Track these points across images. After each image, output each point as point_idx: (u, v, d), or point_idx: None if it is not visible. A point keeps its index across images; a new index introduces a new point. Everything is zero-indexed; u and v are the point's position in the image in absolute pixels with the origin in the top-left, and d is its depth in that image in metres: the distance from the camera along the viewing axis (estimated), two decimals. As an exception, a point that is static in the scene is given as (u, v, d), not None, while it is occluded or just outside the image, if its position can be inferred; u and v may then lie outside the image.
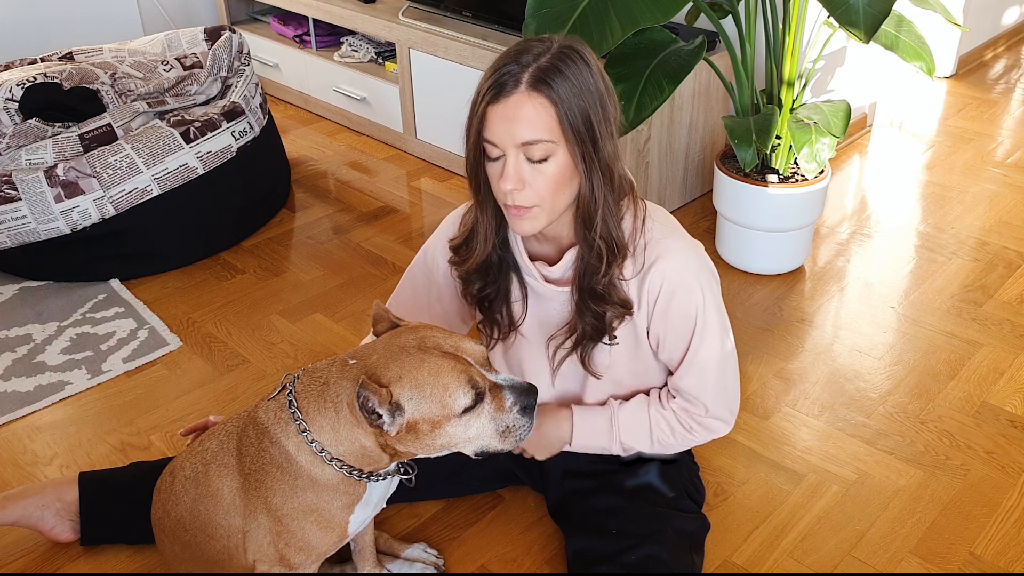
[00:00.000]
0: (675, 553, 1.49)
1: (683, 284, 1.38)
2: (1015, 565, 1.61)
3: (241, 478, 1.31)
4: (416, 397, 1.19)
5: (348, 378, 1.23)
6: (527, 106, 1.23)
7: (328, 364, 1.29)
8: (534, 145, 1.24)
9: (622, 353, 1.47)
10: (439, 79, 3.00)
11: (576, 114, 1.24)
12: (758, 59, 2.65)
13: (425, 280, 1.60)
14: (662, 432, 1.51)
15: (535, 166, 1.26)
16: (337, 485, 1.28)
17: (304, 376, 1.30)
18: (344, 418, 1.23)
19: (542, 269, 1.43)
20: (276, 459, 1.27)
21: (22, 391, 2.09)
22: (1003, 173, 3.02)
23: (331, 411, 1.24)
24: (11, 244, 2.43)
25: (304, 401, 1.27)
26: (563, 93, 1.23)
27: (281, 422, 1.28)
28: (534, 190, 1.27)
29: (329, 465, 1.26)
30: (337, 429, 1.24)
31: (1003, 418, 1.95)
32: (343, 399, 1.23)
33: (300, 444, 1.26)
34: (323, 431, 1.25)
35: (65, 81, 2.60)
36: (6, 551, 1.68)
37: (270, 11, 3.85)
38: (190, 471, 1.38)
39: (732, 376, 1.49)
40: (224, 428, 1.39)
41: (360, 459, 1.26)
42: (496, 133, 1.25)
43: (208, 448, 1.38)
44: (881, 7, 1.88)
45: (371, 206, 2.92)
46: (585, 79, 1.24)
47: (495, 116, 1.24)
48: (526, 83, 1.22)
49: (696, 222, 2.76)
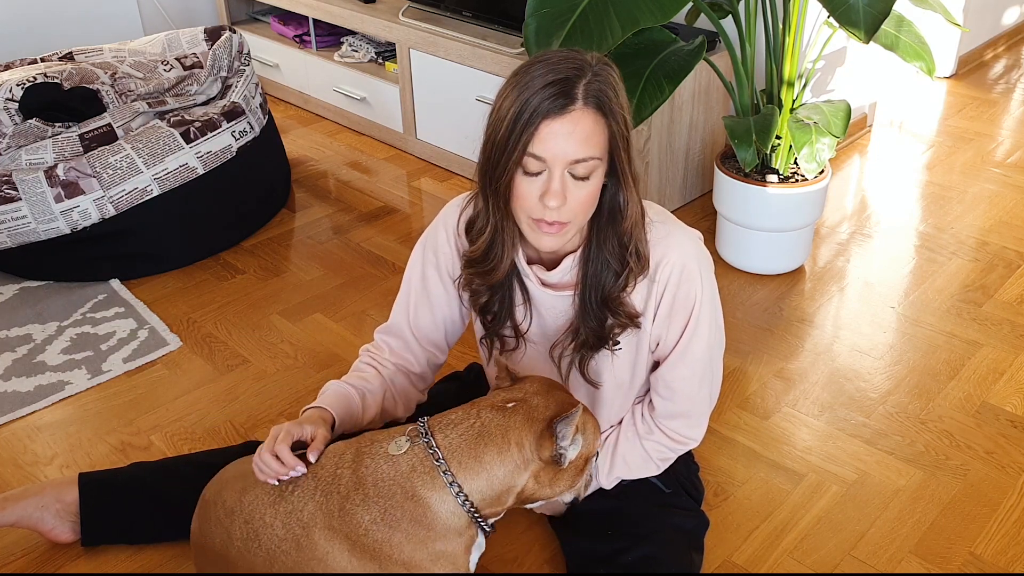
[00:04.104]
0: (673, 552, 1.49)
1: (686, 274, 1.38)
2: (1015, 565, 1.61)
3: (349, 542, 1.28)
4: (585, 431, 1.31)
5: (514, 421, 1.27)
6: (586, 122, 1.23)
7: (471, 411, 1.31)
8: (583, 162, 1.24)
9: (624, 359, 1.47)
10: (439, 79, 3.00)
11: (623, 131, 1.26)
12: (758, 59, 2.65)
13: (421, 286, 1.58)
14: (661, 453, 1.54)
15: (577, 183, 1.26)
16: (463, 529, 1.30)
17: (438, 426, 1.30)
18: (507, 459, 1.26)
19: (540, 273, 1.42)
20: (411, 513, 1.26)
21: (22, 391, 2.09)
22: (1003, 173, 3.02)
23: (492, 454, 1.26)
24: (11, 244, 2.43)
25: (452, 450, 1.27)
26: (616, 111, 1.25)
27: (421, 475, 1.27)
28: (570, 207, 1.27)
29: (463, 510, 1.28)
30: (494, 473, 1.27)
31: (1003, 418, 1.95)
32: (511, 439, 1.26)
33: (444, 495, 1.26)
34: (476, 478, 1.27)
35: (65, 81, 2.60)
36: (6, 551, 1.68)
37: (270, 11, 3.85)
38: (283, 531, 1.31)
39: (717, 367, 1.50)
40: (319, 489, 1.31)
41: (499, 504, 1.29)
42: (548, 149, 1.23)
43: (304, 510, 1.31)
44: (881, 7, 1.88)
45: (371, 206, 2.92)
46: (622, 98, 1.27)
47: (550, 132, 1.22)
48: (584, 99, 1.22)
49: (696, 222, 2.76)
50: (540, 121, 1.22)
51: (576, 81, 1.22)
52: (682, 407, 1.49)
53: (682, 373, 1.45)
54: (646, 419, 1.52)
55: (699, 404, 1.50)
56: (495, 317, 1.47)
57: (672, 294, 1.39)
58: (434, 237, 1.51)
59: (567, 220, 1.28)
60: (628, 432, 1.53)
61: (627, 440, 1.53)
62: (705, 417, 1.53)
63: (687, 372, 1.45)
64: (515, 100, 1.23)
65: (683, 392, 1.47)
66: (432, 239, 1.52)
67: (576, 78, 1.22)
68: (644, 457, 1.53)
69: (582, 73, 1.23)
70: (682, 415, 1.50)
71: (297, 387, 2.10)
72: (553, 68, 1.24)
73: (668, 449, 1.53)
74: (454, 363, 2.01)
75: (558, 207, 1.26)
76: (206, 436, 1.96)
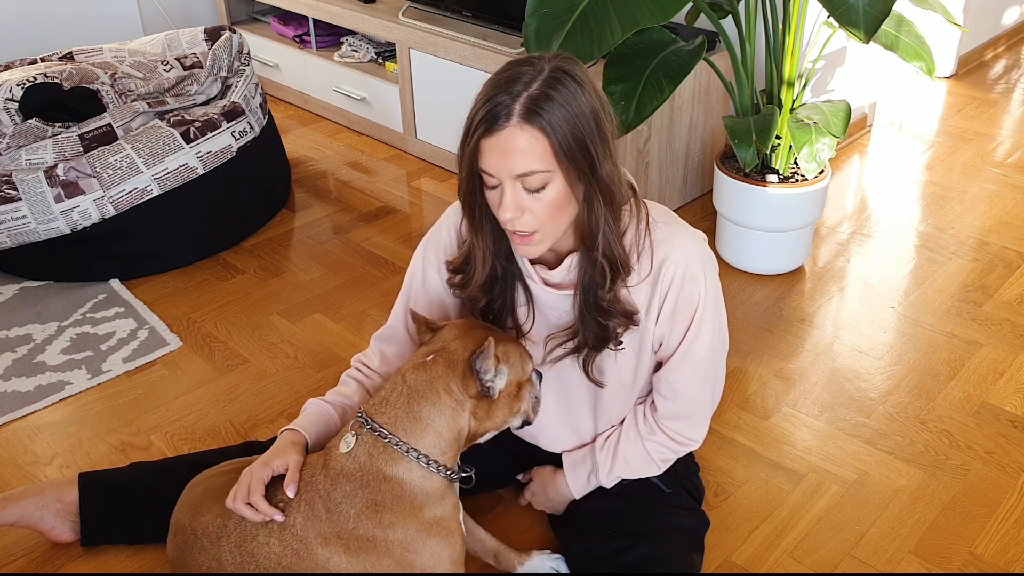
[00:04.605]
0: (673, 551, 1.49)
1: (690, 274, 1.38)
2: (1015, 565, 1.61)
3: (343, 542, 1.31)
4: (508, 360, 1.36)
5: (436, 371, 1.33)
6: (520, 139, 1.21)
7: (397, 380, 1.36)
8: (530, 176, 1.23)
9: (628, 358, 1.47)
10: (439, 79, 3.00)
11: (570, 140, 1.22)
12: (758, 59, 2.65)
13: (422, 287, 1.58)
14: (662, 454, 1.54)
15: (533, 195, 1.25)
16: (444, 491, 1.35)
17: (375, 409, 1.35)
18: (442, 408, 1.32)
19: (543, 273, 1.42)
20: (390, 493, 1.31)
21: (22, 391, 2.09)
22: (1003, 173, 3.02)
23: (428, 409, 1.32)
24: (11, 244, 2.43)
25: (394, 422, 1.32)
26: (555, 122, 1.20)
27: (379, 457, 1.32)
28: (534, 216, 1.26)
29: (436, 473, 1.33)
30: (436, 425, 1.32)
31: (1003, 418, 1.95)
32: (439, 388, 1.32)
33: (408, 465, 1.32)
34: (424, 436, 1.32)
35: (65, 81, 2.60)
36: (6, 551, 1.68)
37: (270, 11, 3.85)
38: (280, 548, 1.33)
39: (720, 369, 1.50)
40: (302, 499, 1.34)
41: (454, 449, 1.35)
42: (491, 165, 1.24)
43: (296, 523, 1.33)
44: (881, 7, 1.88)
45: (371, 206, 2.92)
46: (578, 102, 1.22)
47: (488, 148, 1.23)
48: (517, 115, 1.20)
49: (696, 222, 2.76)
50: (479, 138, 1.23)
51: (513, 96, 1.21)
52: (684, 408, 1.49)
53: (684, 374, 1.45)
54: (648, 419, 1.52)
55: (701, 405, 1.50)
56: (496, 317, 1.48)
57: (676, 294, 1.39)
58: (436, 238, 1.52)
59: (532, 230, 1.28)
60: (630, 432, 1.53)
61: (628, 440, 1.53)
62: (706, 419, 1.53)
63: (689, 373, 1.45)
64: (468, 114, 1.25)
65: (685, 393, 1.47)
66: (435, 240, 1.52)
67: (514, 92, 1.21)
68: (645, 457, 1.53)
69: (522, 86, 1.21)
70: (684, 416, 1.50)
71: (297, 387, 2.10)
72: (496, 81, 1.23)
73: (669, 450, 1.53)
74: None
75: (512, 219, 1.26)
76: (206, 436, 1.96)
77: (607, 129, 1.26)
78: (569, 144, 1.22)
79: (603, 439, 1.56)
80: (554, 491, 1.63)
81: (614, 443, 1.55)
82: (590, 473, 1.57)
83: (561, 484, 1.61)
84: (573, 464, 1.59)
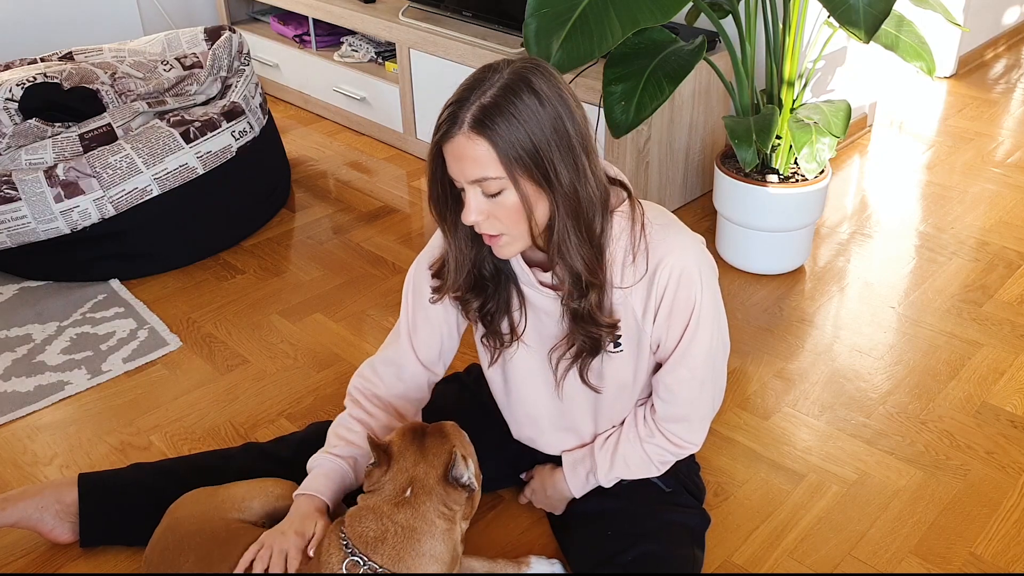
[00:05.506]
0: (673, 547, 1.49)
1: (685, 275, 1.37)
2: (1015, 565, 1.61)
3: None
4: (467, 450, 1.41)
5: (421, 503, 1.33)
6: (468, 147, 1.22)
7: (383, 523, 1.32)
8: (485, 182, 1.24)
9: (626, 359, 1.47)
10: (439, 79, 3.00)
11: (519, 150, 1.21)
12: (758, 59, 2.65)
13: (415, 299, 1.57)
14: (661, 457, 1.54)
15: (492, 199, 1.26)
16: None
17: (370, 549, 1.31)
18: (441, 533, 1.33)
19: (538, 275, 1.42)
20: None
21: (22, 391, 2.09)
22: (1003, 173, 3.02)
23: (429, 541, 1.32)
24: (11, 244, 2.43)
25: (394, 563, 1.30)
26: (503, 131, 1.20)
27: None
28: (498, 219, 1.27)
29: None
30: (437, 552, 1.32)
31: (1003, 418, 1.95)
32: (432, 518, 1.33)
33: None
34: (430, 567, 1.31)
35: (65, 81, 2.60)
36: (6, 551, 1.68)
37: (270, 11, 3.85)
38: None
39: (720, 372, 1.50)
40: None
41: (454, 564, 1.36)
42: (451, 169, 1.26)
43: None
44: (881, 7, 1.88)
45: (371, 206, 2.92)
46: (533, 111, 1.21)
47: (447, 154, 1.25)
48: (468, 124, 1.21)
49: (696, 222, 2.76)
50: (437, 143, 1.26)
51: (467, 104, 1.22)
52: (682, 410, 1.48)
53: (682, 375, 1.45)
54: (648, 422, 1.52)
55: (700, 408, 1.49)
56: (492, 318, 1.48)
57: (672, 296, 1.38)
58: (430, 250, 1.52)
59: (498, 233, 1.29)
60: (630, 433, 1.53)
61: (628, 441, 1.53)
62: (706, 422, 1.52)
63: (687, 375, 1.44)
64: None
65: (683, 395, 1.46)
66: (428, 253, 1.52)
67: (471, 102, 1.22)
68: (644, 459, 1.53)
69: (478, 95, 1.22)
70: (682, 419, 1.49)
71: (297, 387, 2.10)
72: (462, 86, 1.26)
73: (668, 453, 1.53)
74: (454, 363, 2.00)
75: (477, 222, 1.28)
76: (206, 436, 1.96)
77: (571, 134, 1.24)
78: (518, 154, 1.22)
79: (603, 439, 1.56)
80: (553, 489, 1.63)
81: (614, 444, 1.55)
82: (589, 473, 1.57)
83: (560, 482, 1.61)
84: (572, 463, 1.59)
